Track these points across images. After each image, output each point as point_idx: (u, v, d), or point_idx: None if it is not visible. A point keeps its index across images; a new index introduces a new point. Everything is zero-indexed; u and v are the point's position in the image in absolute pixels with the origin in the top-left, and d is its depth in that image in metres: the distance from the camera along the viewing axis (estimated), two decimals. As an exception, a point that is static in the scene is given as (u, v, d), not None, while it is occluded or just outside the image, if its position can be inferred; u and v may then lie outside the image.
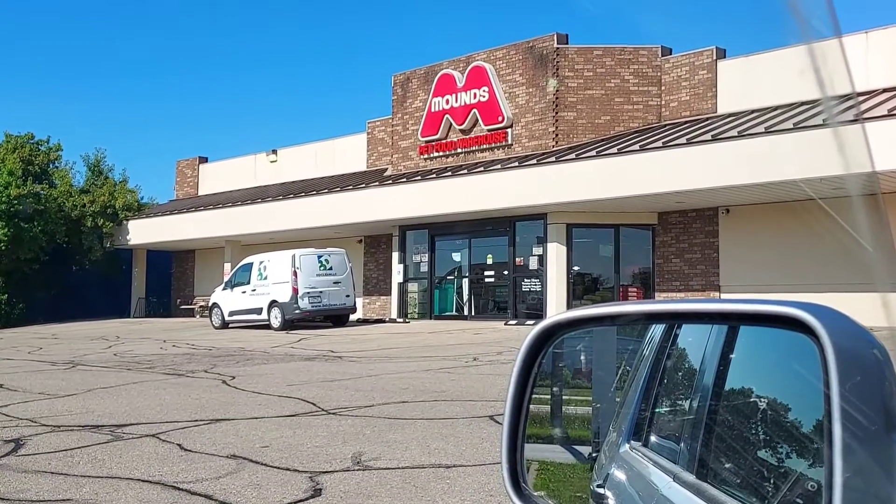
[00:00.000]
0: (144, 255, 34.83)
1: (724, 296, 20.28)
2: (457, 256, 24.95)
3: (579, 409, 1.93)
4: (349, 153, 29.26)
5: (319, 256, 23.48)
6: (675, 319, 1.54)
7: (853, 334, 0.99)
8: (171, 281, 36.30)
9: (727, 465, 1.34)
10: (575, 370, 1.89)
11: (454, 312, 24.67)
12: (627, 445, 1.69)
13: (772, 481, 1.18)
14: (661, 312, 1.51)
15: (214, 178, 34.86)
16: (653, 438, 1.64)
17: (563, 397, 1.88)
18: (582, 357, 1.78)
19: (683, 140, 18.61)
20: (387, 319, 25.78)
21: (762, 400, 1.30)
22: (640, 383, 1.73)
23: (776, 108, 18.88)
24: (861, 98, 17.36)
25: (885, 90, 17.06)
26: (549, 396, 1.86)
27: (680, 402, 1.62)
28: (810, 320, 1.00)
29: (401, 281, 25.73)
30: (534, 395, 1.72)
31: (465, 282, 24.55)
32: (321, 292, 23.07)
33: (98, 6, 74.21)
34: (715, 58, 21.13)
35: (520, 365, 1.49)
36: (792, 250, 18.71)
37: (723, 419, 1.38)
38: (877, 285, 0.87)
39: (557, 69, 22.40)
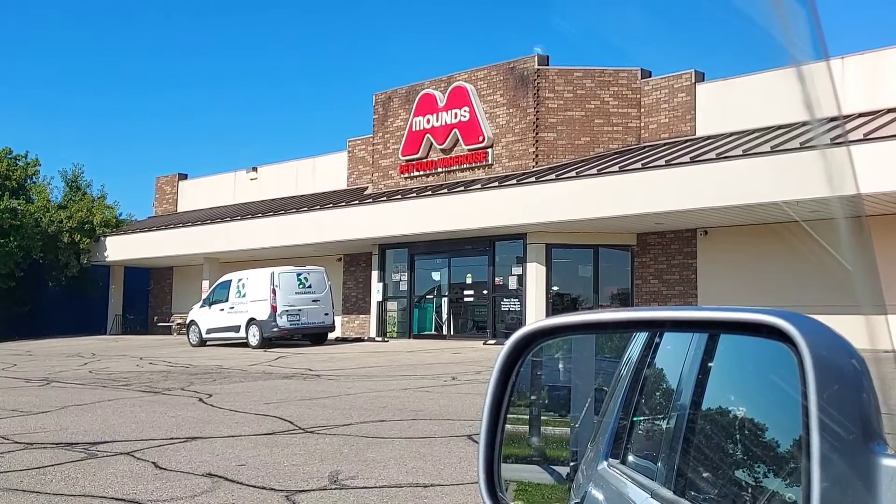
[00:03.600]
0: (122, 271, 34.56)
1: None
2: (436, 275, 24.94)
3: (557, 429, 1.91)
4: (330, 171, 29.26)
5: (299, 274, 23.42)
6: (654, 327, 1.52)
7: (831, 343, 0.98)
8: (148, 298, 36.01)
9: (704, 479, 1.32)
10: (550, 385, 1.87)
11: (433, 332, 24.63)
12: (605, 463, 1.67)
13: (750, 494, 1.16)
14: (640, 320, 1.48)
15: (194, 194, 34.71)
16: (630, 455, 1.62)
17: (543, 416, 1.87)
18: (560, 366, 1.77)
19: (662, 162, 18.77)
20: (366, 338, 25.70)
21: (739, 410, 1.28)
22: (619, 400, 1.71)
23: (754, 131, 19.11)
24: (868, 118, 17.48)
25: (860, 115, 17.31)
26: (527, 414, 1.85)
27: (658, 416, 1.60)
28: (789, 329, 0.99)
29: (380, 300, 25.68)
30: (510, 414, 1.70)
31: (445, 301, 24.53)
32: (300, 310, 22.97)
33: (78, 21, 74.04)
34: (694, 81, 21.38)
35: (497, 373, 1.47)
36: (769, 271, 18.88)
37: (700, 432, 1.36)
38: (861, 307, 0.87)
39: (538, 90, 22.57)
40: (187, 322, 26.18)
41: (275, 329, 22.84)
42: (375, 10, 79.82)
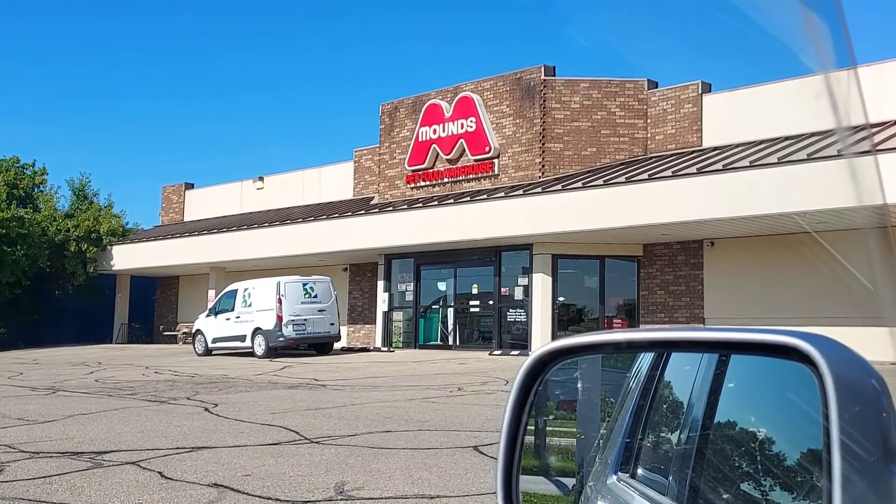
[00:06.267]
0: (128, 280, 34.62)
1: (708, 328, 20.31)
2: (442, 286, 24.93)
3: (564, 441, 1.91)
4: (336, 181, 29.30)
5: (304, 284, 23.42)
6: (671, 348, 1.53)
7: (852, 364, 0.98)
8: (154, 307, 36.06)
9: (718, 496, 1.32)
10: (562, 401, 1.86)
11: (439, 342, 24.60)
12: (615, 477, 1.66)
13: None
14: (657, 340, 1.49)
15: (200, 204, 34.79)
16: (640, 470, 1.62)
17: (549, 428, 1.86)
18: (579, 385, 1.77)
19: (669, 173, 18.75)
20: (371, 348, 25.67)
21: (755, 429, 1.28)
22: (629, 413, 1.71)
23: (761, 142, 19.09)
24: (875, 129, 17.46)
25: (869, 125, 17.20)
26: (533, 425, 1.84)
27: (669, 433, 1.60)
28: (809, 349, 0.99)
29: (385, 310, 25.66)
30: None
31: (451, 311, 24.51)
32: (306, 320, 22.97)
33: (83, 30, 74.42)
34: (700, 91, 21.38)
35: (516, 393, 1.46)
36: (776, 283, 18.82)
37: (714, 449, 1.36)
38: (886, 319, 0.87)
39: (544, 100, 22.59)
40: (193, 331, 26.19)
41: (280, 339, 22.83)
42: (382, 19, 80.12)
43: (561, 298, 22.23)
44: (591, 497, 1.68)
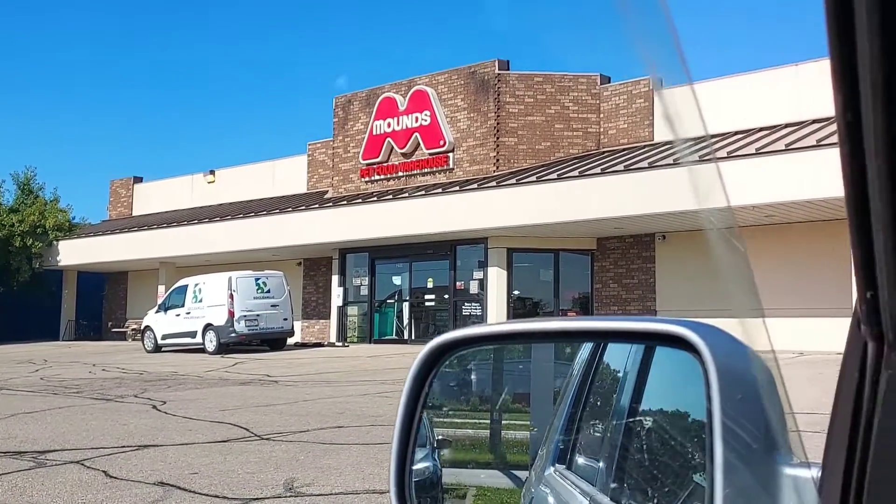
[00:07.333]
0: (75, 276, 33.90)
1: (660, 321, 20.56)
2: (397, 280, 24.83)
3: (519, 433, 1.91)
4: (289, 175, 29.01)
5: (257, 279, 23.15)
6: (561, 337, 1.54)
7: (737, 353, 0.98)
8: (102, 303, 35.36)
9: (637, 487, 1.35)
10: (518, 393, 1.88)
11: (394, 336, 24.51)
12: (552, 468, 1.67)
13: (669, 499, 1.18)
14: (548, 330, 1.48)
15: (149, 198, 34.19)
16: (577, 460, 1.63)
17: (504, 421, 1.86)
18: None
19: (621, 167, 18.89)
20: (325, 343, 25.49)
21: (661, 419, 1.32)
22: (568, 404, 1.72)
23: (711, 137, 19.30)
24: (791, 128, 17.95)
25: (814, 121, 17.60)
26: (487, 419, 1.88)
27: (600, 423, 1.62)
28: (693, 338, 1.00)
29: (340, 304, 25.50)
30: (469, 419, 1.63)
31: (406, 305, 24.43)
32: (258, 315, 22.72)
33: (27, 19, 72.66)
34: (651, 87, 21.57)
35: (410, 385, 1.47)
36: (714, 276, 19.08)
37: (632, 439, 1.39)
38: (733, 311, 0.88)
39: (499, 95, 22.59)
40: (142, 328, 25.74)
41: (232, 335, 22.54)
42: (335, 11, 79.55)
43: (516, 292, 22.29)
44: (533, 489, 1.68)
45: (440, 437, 1.70)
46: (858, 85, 0.58)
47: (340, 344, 24.75)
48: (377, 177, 24.90)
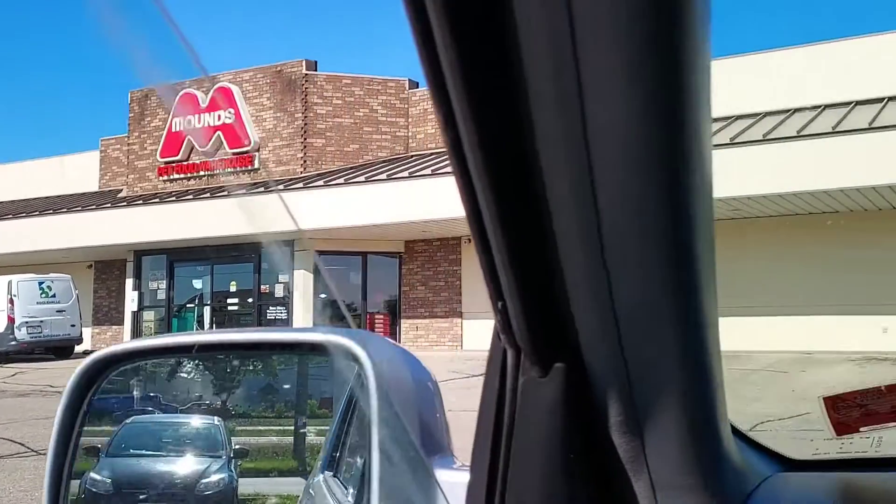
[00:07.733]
0: None
1: (465, 322, 21.02)
2: (198, 283, 23.89)
3: (321, 439, 1.87)
4: (80, 172, 27.25)
5: (40, 283, 21.58)
6: (229, 350, 1.54)
7: (397, 362, 1.02)
8: None
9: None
10: (324, 398, 1.85)
11: (194, 342, 23.54)
12: (322, 475, 1.66)
13: None
14: (213, 343, 1.49)
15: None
16: (341, 464, 1.64)
17: (307, 428, 1.83)
18: (332, 382, 1.74)
19: (428, 171, 19.12)
20: (119, 351, 24.06)
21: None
22: (340, 409, 1.72)
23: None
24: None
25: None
26: (292, 425, 1.84)
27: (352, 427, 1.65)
28: (354, 348, 1.04)
29: (135, 309, 24.19)
30: (268, 426, 1.66)
31: (207, 309, 23.55)
32: (42, 322, 21.15)
33: None
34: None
35: (66, 401, 1.39)
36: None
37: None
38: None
39: (306, 95, 22.27)
40: None
41: (12, 342, 20.85)
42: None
43: (323, 295, 21.99)
44: (303, 497, 1.68)
45: (237, 447, 1.67)
46: (452, 104, 0.57)
47: (136, 351, 23.46)
48: (176, 175, 23.84)
